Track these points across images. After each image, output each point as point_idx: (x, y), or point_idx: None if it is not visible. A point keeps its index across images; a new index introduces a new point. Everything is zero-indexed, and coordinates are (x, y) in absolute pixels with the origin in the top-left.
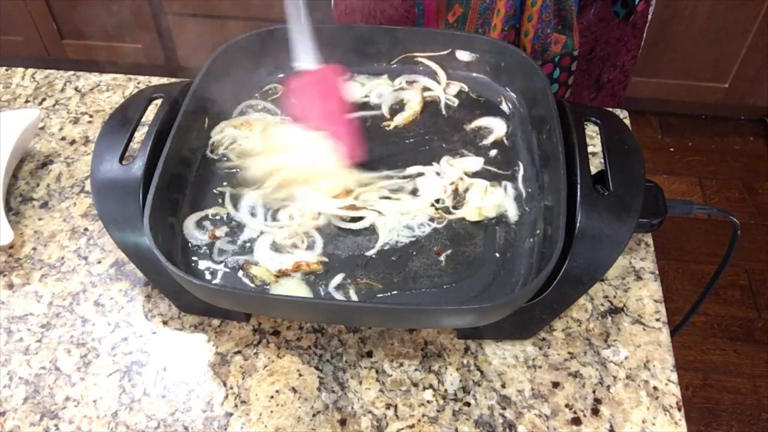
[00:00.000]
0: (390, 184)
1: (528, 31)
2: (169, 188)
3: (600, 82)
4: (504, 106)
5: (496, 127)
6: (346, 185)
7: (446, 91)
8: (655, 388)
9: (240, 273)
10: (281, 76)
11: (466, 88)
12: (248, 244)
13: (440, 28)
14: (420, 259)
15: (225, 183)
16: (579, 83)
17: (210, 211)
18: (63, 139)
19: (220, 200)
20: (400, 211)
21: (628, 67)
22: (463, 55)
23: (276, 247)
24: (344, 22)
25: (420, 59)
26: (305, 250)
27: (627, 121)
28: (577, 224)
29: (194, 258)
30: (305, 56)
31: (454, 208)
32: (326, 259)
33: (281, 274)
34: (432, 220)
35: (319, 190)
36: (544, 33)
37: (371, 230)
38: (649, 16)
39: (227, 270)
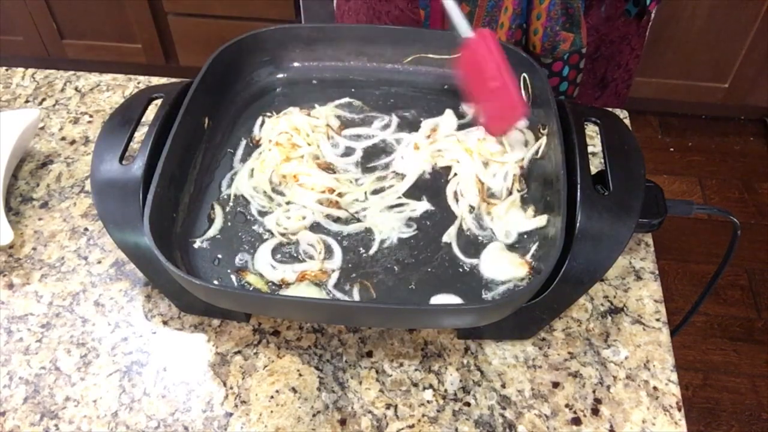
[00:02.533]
0: (379, 175)
1: (537, 30)
2: (169, 188)
3: (605, 81)
4: None
5: None
6: (331, 184)
7: None
8: (655, 388)
9: (233, 277)
10: (281, 76)
11: None
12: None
13: (446, 28)
14: (420, 257)
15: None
16: (584, 82)
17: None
18: (63, 139)
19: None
20: (387, 204)
21: (632, 66)
22: None
23: (277, 257)
24: (345, 21)
25: (434, 59)
26: (322, 261)
27: (627, 121)
28: (577, 224)
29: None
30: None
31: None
32: (329, 267)
33: (283, 284)
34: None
35: (305, 186)
36: (553, 31)
37: (368, 230)
38: (653, 15)
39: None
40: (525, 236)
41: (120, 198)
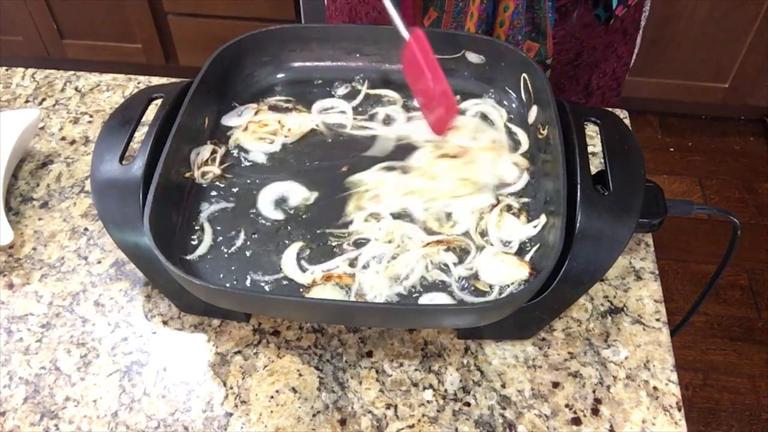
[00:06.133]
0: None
1: (499, 37)
2: (169, 188)
3: (589, 88)
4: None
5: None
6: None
7: None
8: (655, 388)
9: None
10: (281, 76)
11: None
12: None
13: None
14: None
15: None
16: (567, 89)
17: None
18: (63, 139)
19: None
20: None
21: (620, 75)
22: (473, 57)
23: (305, 258)
24: (334, 22)
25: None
26: (344, 261)
27: (627, 121)
28: (577, 224)
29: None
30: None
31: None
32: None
33: (313, 284)
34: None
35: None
36: (515, 39)
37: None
38: (642, 23)
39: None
40: (525, 240)
41: (120, 198)
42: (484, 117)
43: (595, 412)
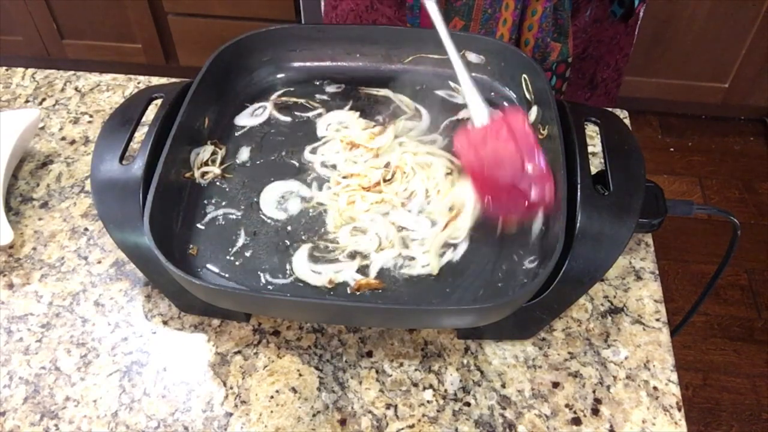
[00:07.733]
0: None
1: (528, 41)
2: (169, 188)
3: (594, 81)
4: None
5: None
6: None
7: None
8: (655, 388)
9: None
10: (281, 76)
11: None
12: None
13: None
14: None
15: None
16: (573, 83)
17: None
18: (63, 139)
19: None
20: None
21: (621, 66)
22: (472, 57)
23: (316, 259)
24: None
25: (432, 58)
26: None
27: (627, 121)
28: (577, 224)
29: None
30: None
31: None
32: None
33: (331, 284)
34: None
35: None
36: (544, 42)
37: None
38: (641, 14)
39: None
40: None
41: (120, 198)
42: None
43: (595, 412)
